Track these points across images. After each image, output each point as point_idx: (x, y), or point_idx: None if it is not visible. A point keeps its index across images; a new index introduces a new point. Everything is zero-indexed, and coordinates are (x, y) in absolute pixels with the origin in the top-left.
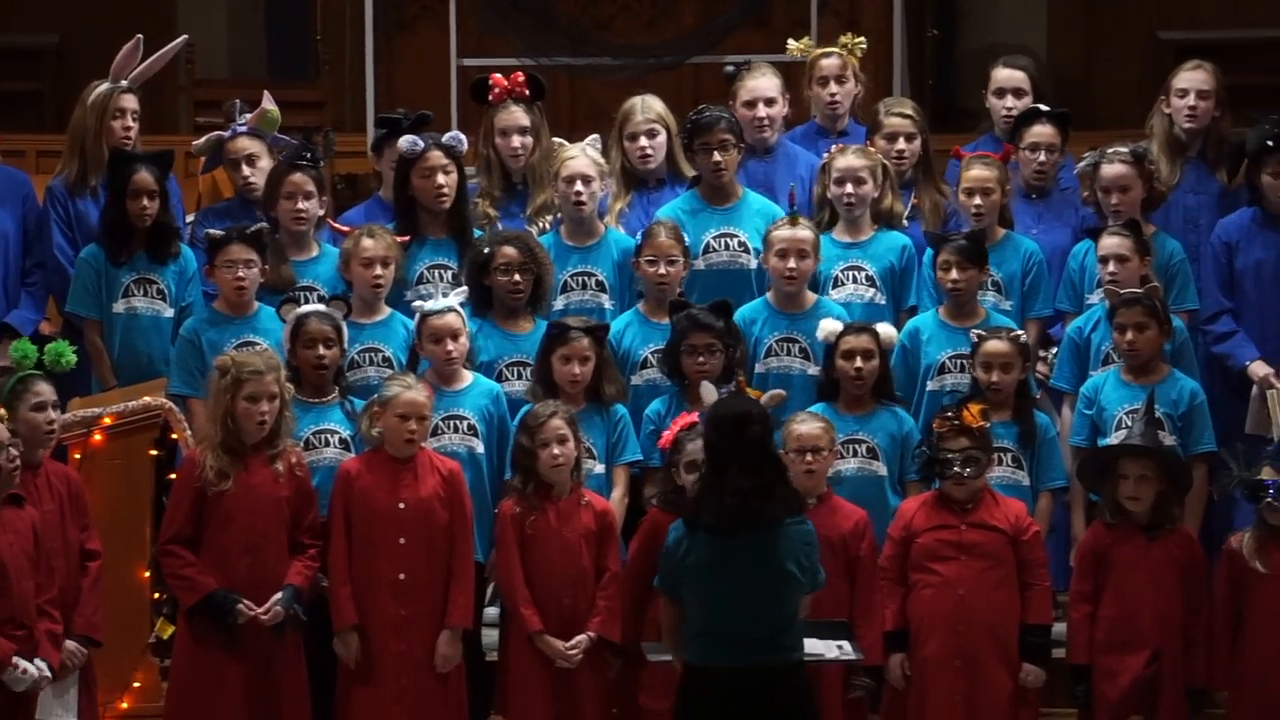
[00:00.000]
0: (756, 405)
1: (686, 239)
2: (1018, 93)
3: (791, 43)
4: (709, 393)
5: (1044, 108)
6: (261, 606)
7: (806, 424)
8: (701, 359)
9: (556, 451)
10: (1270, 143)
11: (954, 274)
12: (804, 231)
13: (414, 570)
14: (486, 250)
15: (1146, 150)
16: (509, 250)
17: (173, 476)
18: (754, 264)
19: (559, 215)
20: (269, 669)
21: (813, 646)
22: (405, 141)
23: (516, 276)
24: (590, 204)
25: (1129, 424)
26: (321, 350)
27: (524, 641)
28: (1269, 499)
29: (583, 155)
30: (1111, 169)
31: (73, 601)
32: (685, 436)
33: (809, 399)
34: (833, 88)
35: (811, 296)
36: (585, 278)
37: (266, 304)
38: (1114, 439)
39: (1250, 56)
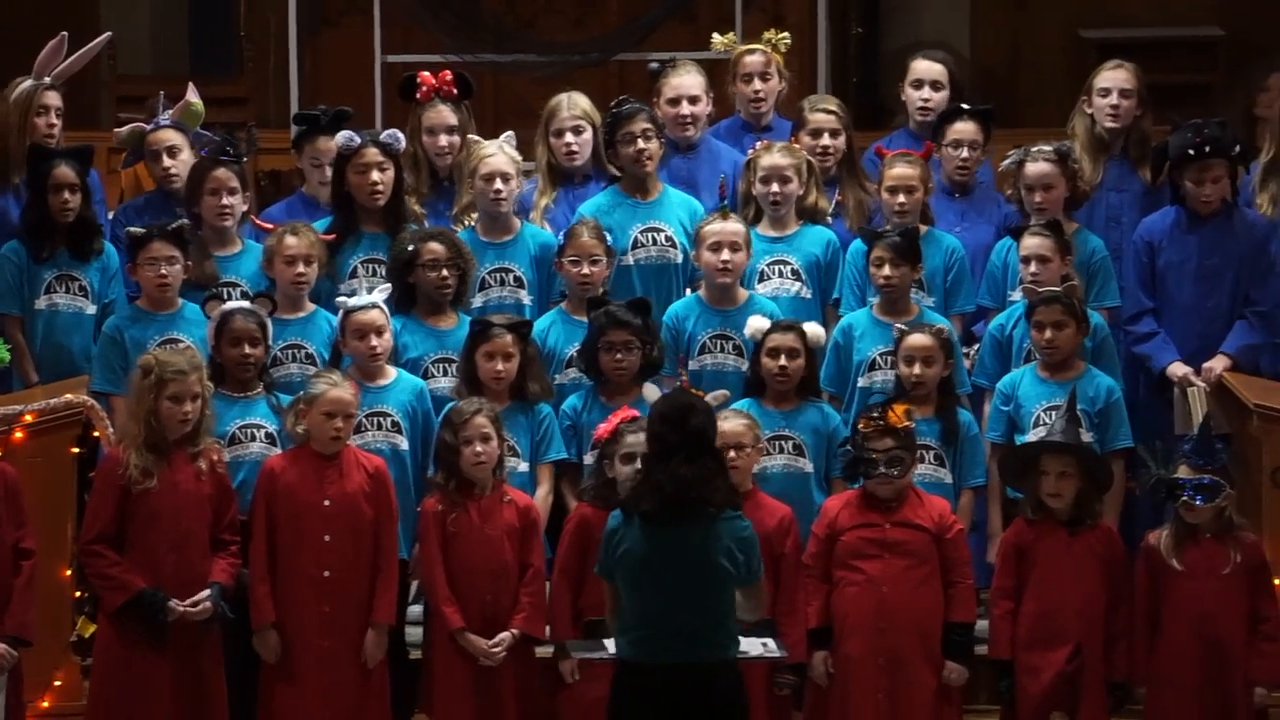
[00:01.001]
0: (700, 400)
1: (609, 237)
2: (935, 85)
3: (716, 38)
4: (652, 393)
5: (966, 105)
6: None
7: (730, 421)
8: (619, 356)
9: (480, 449)
10: (1191, 151)
11: (887, 270)
12: (735, 225)
13: (339, 567)
14: (411, 247)
15: (1070, 149)
16: (436, 246)
17: (94, 474)
18: (680, 258)
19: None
20: (193, 667)
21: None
22: (342, 137)
23: (444, 272)
24: (508, 201)
25: (1046, 421)
26: (246, 348)
27: (447, 639)
28: (1185, 497)
29: (500, 153)
30: (1035, 167)
31: (4, 600)
32: (626, 429)
33: (741, 394)
34: (757, 84)
35: (744, 293)
36: (503, 274)
37: (190, 300)
38: (1031, 436)
39: (1171, 55)
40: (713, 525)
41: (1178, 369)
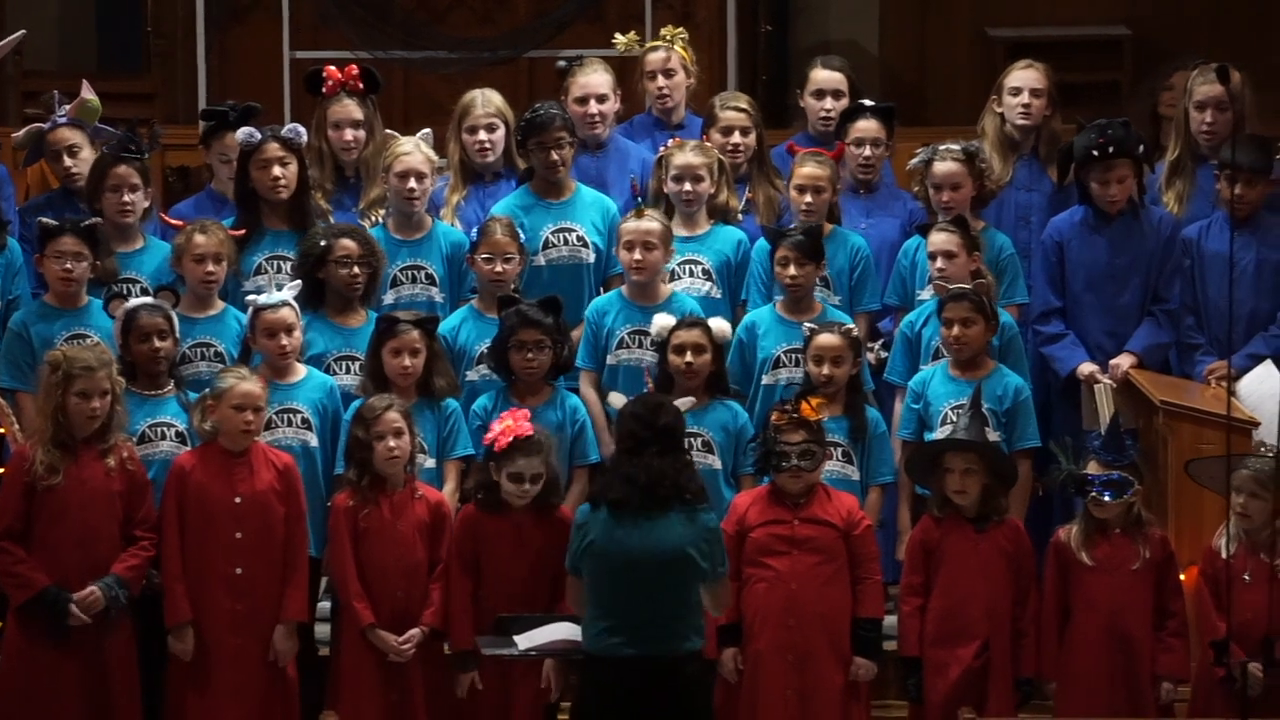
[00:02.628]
0: (668, 399)
1: (522, 236)
2: (836, 94)
3: (619, 38)
4: (618, 401)
5: (869, 102)
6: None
7: None
8: (530, 355)
9: (392, 444)
10: (1095, 151)
11: (791, 269)
12: (650, 223)
13: (249, 565)
14: (323, 243)
15: (978, 148)
16: (348, 243)
17: (0, 470)
18: (592, 258)
19: (389, 210)
20: (101, 666)
21: None
22: (243, 133)
23: (356, 269)
24: (422, 200)
25: (954, 419)
26: (156, 342)
27: (356, 635)
28: (1094, 493)
29: (416, 150)
30: (943, 166)
31: None
32: (519, 448)
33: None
34: (661, 81)
35: (666, 290)
36: (415, 271)
37: (93, 296)
38: (940, 433)
39: (1078, 54)
40: (683, 517)
41: (1085, 368)
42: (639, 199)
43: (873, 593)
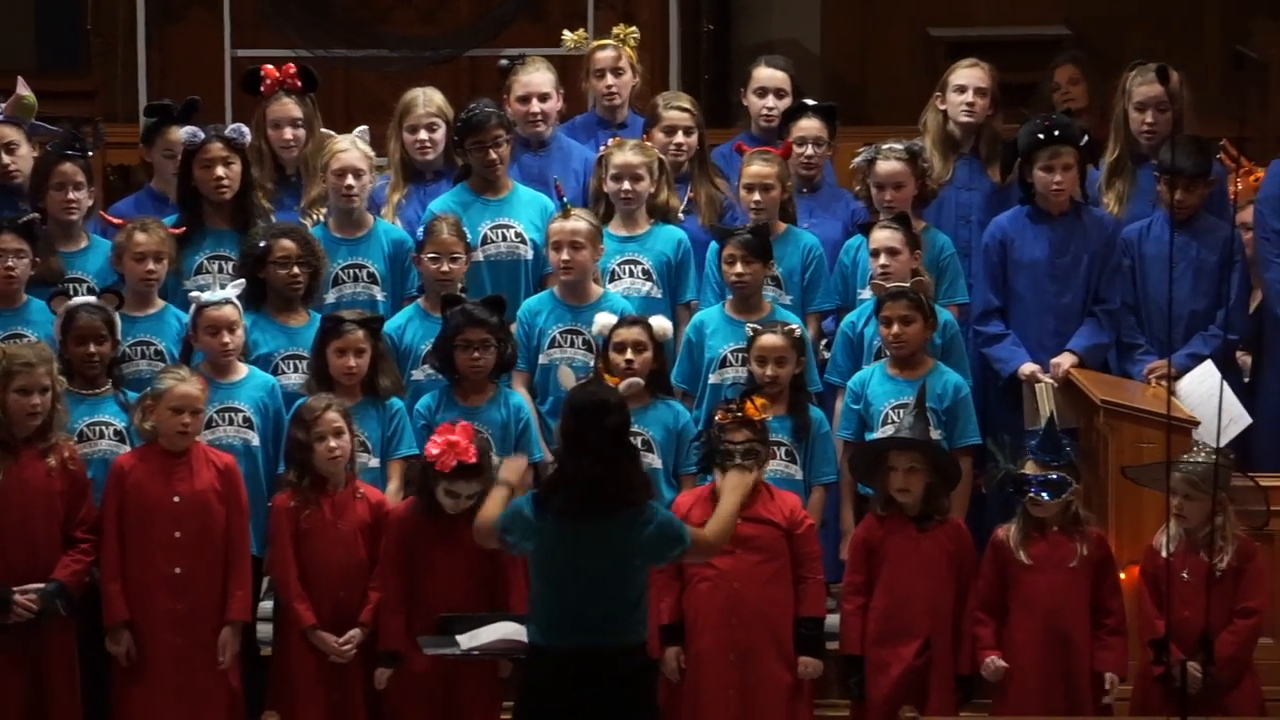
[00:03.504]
0: (615, 394)
1: (467, 234)
2: (779, 93)
3: (567, 35)
4: (566, 378)
5: (810, 101)
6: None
7: None
8: (476, 354)
9: (333, 444)
10: (1041, 135)
11: (739, 268)
12: (576, 224)
13: (190, 565)
14: (263, 243)
15: (921, 148)
16: (287, 243)
17: None
18: (530, 254)
19: (330, 209)
20: (40, 666)
21: None
22: (185, 132)
23: (295, 269)
24: (360, 197)
25: (895, 419)
26: (92, 347)
27: (298, 636)
28: (1032, 493)
29: (353, 148)
30: (886, 166)
31: None
32: (461, 474)
33: None
34: (609, 79)
35: (597, 290)
36: (356, 270)
37: (35, 296)
38: (881, 433)
39: (1018, 54)
40: (630, 519)
41: (1027, 368)
42: (563, 200)
43: (815, 592)
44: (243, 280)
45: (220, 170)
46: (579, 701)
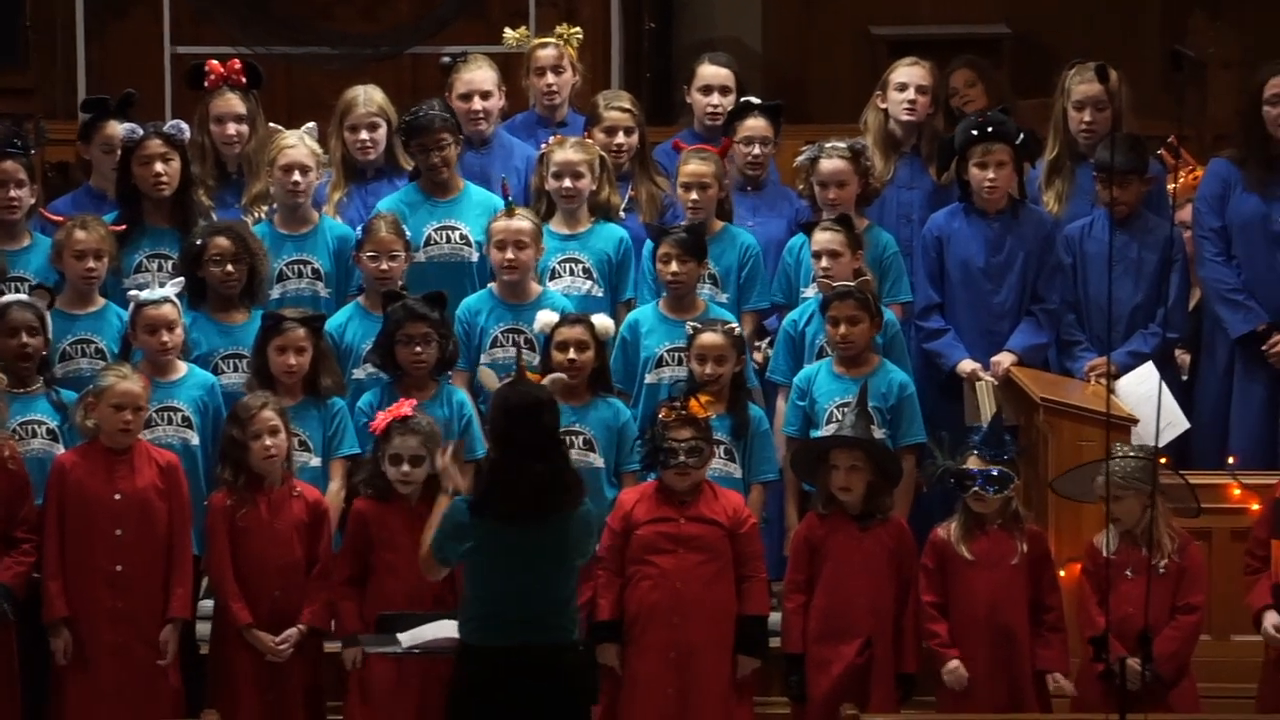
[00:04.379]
0: (546, 392)
1: (408, 232)
2: (723, 90)
3: (508, 33)
4: (489, 378)
5: (756, 101)
6: None
7: None
8: (418, 349)
9: (268, 443)
10: (975, 132)
11: (674, 266)
12: (521, 222)
13: (130, 562)
14: (199, 241)
15: (864, 146)
16: (221, 241)
17: None
18: (475, 256)
19: (274, 205)
20: None
21: None
22: (124, 129)
23: (229, 267)
24: (307, 193)
25: (839, 416)
26: (24, 338)
27: (234, 634)
28: (976, 488)
29: (300, 144)
30: (829, 164)
31: None
32: (396, 428)
33: None
34: (550, 78)
35: (536, 289)
36: (301, 266)
37: None
38: (826, 431)
39: (959, 52)
40: (569, 519)
41: (967, 365)
42: (508, 199)
43: (758, 590)
44: (182, 279)
45: (159, 167)
46: (512, 701)
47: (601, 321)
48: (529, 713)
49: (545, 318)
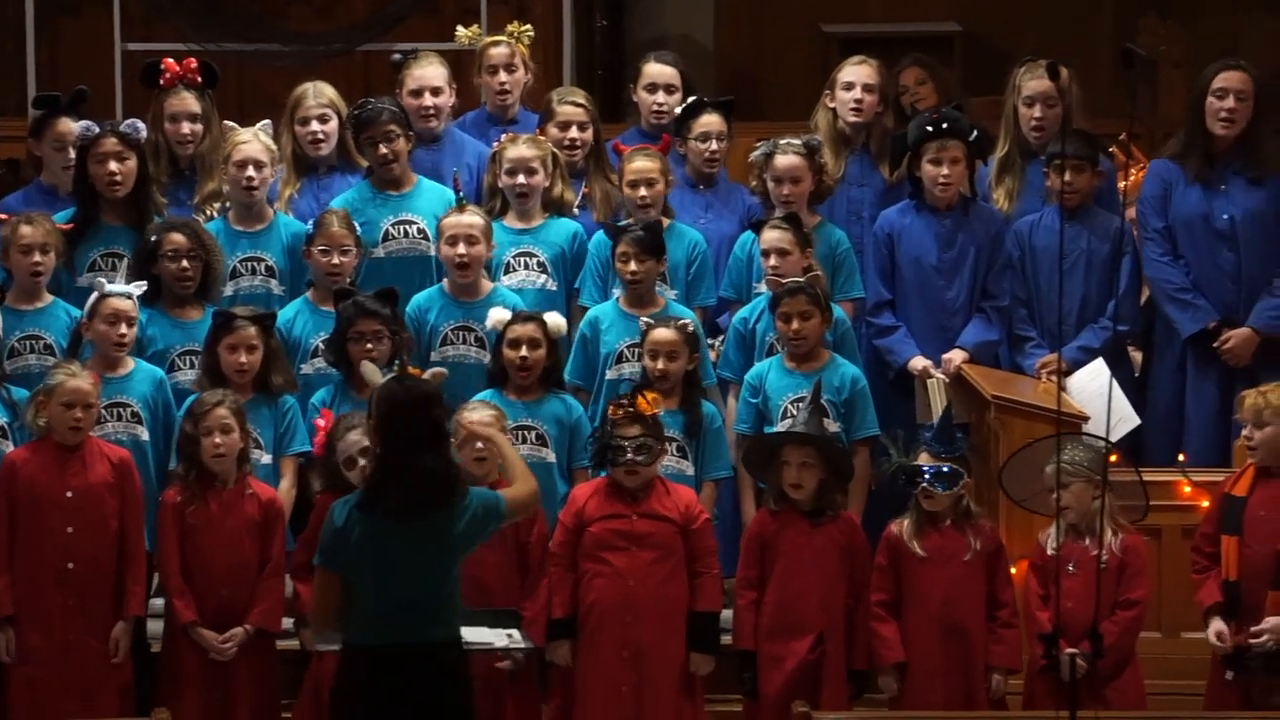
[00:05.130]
0: (431, 385)
1: (359, 228)
2: (669, 88)
3: (460, 30)
4: (372, 373)
5: (707, 98)
6: None
7: (476, 411)
8: (369, 346)
9: (219, 440)
10: (929, 129)
11: (632, 265)
12: (471, 218)
13: (82, 559)
14: (154, 238)
15: (819, 143)
16: (177, 237)
17: None
18: (434, 250)
19: (227, 204)
20: None
21: (481, 635)
22: (80, 127)
23: (185, 263)
24: (261, 190)
25: (793, 412)
26: None
27: (183, 633)
28: (926, 484)
29: (255, 140)
30: (784, 160)
31: None
32: (334, 435)
33: (482, 385)
34: (502, 76)
35: (488, 285)
36: (255, 263)
37: None
38: (779, 427)
39: (910, 50)
40: (457, 510)
41: (918, 362)
42: (459, 194)
43: (710, 587)
44: (144, 282)
45: (114, 165)
46: (396, 701)
47: (553, 319)
48: (413, 712)
49: (497, 315)
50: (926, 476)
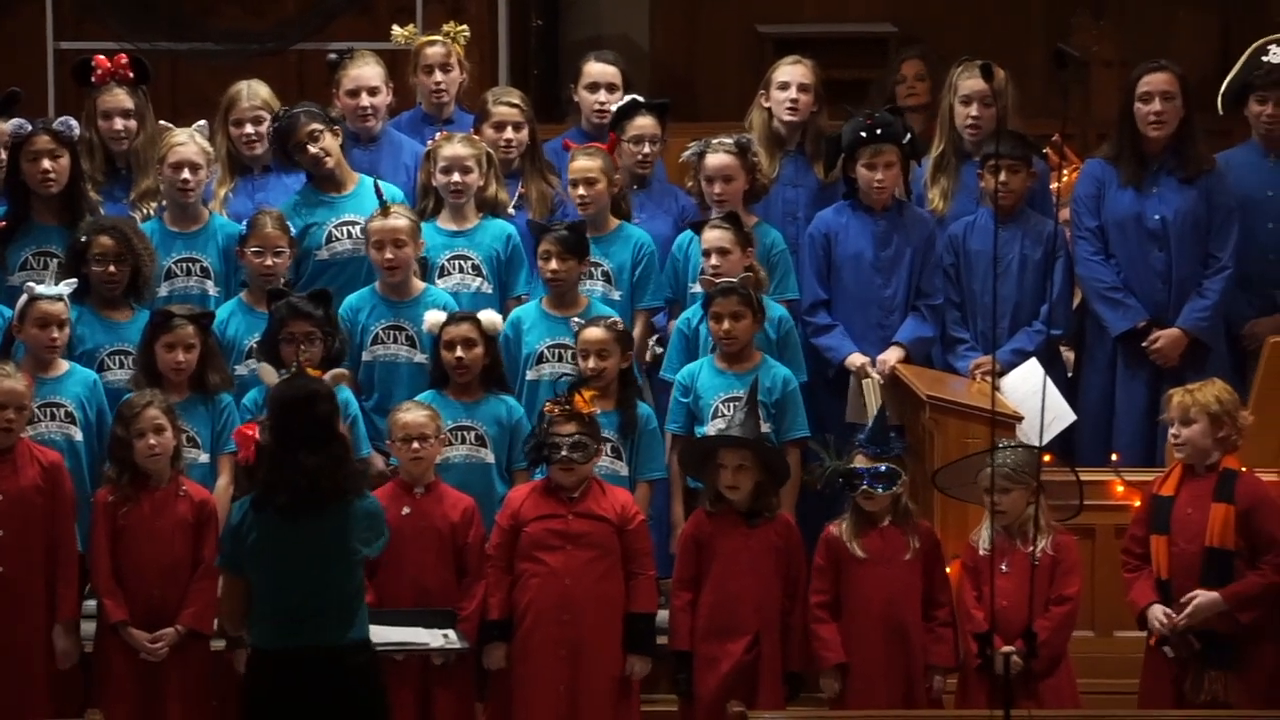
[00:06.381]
0: (322, 384)
1: (303, 230)
2: (610, 87)
3: (396, 30)
4: (269, 374)
5: (642, 99)
6: None
7: (411, 412)
8: (302, 347)
9: (153, 441)
10: (863, 134)
11: (554, 264)
12: (397, 221)
13: (11, 563)
14: (84, 239)
15: (750, 141)
16: (104, 240)
17: None
18: None
19: (163, 202)
20: None
21: (416, 635)
22: (12, 125)
23: (111, 268)
24: (196, 191)
25: (725, 412)
26: None
27: (113, 632)
28: (865, 486)
29: (191, 142)
30: (716, 159)
31: None
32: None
33: (416, 387)
34: (438, 76)
35: (419, 285)
36: (190, 264)
37: None
38: (710, 427)
39: (845, 51)
40: (346, 510)
41: (856, 358)
42: (381, 200)
43: (646, 588)
44: (75, 280)
45: (46, 163)
46: (302, 704)
47: (488, 317)
48: (319, 715)
49: (432, 317)
50: (865, 479)
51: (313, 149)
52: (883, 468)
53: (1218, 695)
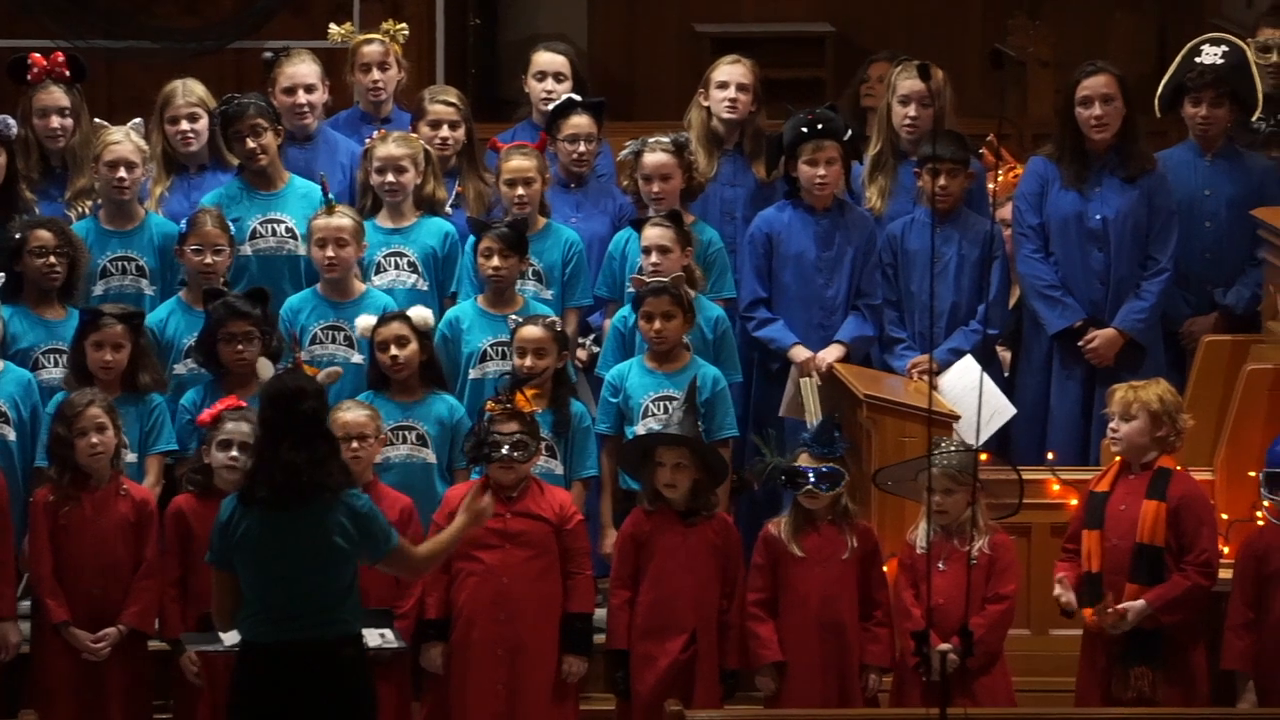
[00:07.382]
0: (311, 381)
1: (231, 227)
2: (558, 77)
3: (333, 28)
4: (265, 369)
5: (578, 98)
6: None
7: (351, 411)
8: (240, 347)
9: (95, 440)
10: (804, 129)
11: (495, 261)
12: (341, 220)
13: None
14: (19, 235)
15: (687, 140)
16: (43, 233)
17: None
18: (302, 250)
19: (99, 200)
20: None
21: None
22: None
23: (52, 259)
24: (132, 190)
25: (654, 411)
26: None
27: (53, 633)
28: (810, 485)
29: (126, 140)
30: (653, 157)
31: None
32: (228, 415)
33: (355, 386)
34: (375, 74)
35: (360, 286)
36: (125, 263)
37: None
38: (640, 427)
39: (783, 50)
40: (329, 507)
41: (800, 353)
42: (327, 197)
43: (583, 587)
44: (3, 274)
45: None
46: (291, 699)
47: (418, 313)
48: (307, 710)
49: (363, 322)
50: (810, 479)
51: (251, 142)
52: (826, 468)
53: (1144, 691)
